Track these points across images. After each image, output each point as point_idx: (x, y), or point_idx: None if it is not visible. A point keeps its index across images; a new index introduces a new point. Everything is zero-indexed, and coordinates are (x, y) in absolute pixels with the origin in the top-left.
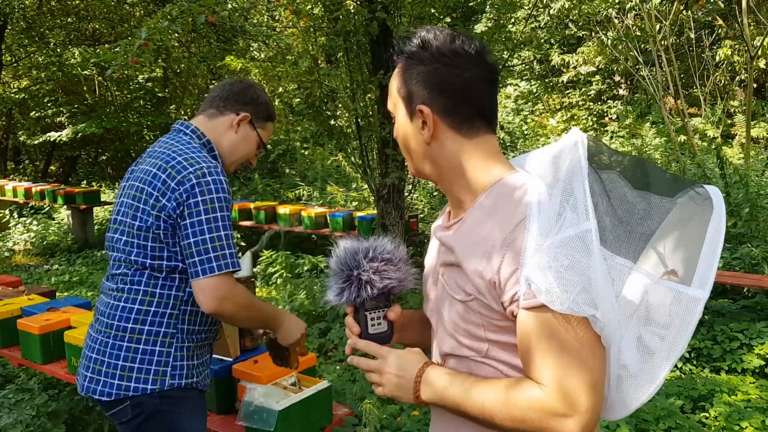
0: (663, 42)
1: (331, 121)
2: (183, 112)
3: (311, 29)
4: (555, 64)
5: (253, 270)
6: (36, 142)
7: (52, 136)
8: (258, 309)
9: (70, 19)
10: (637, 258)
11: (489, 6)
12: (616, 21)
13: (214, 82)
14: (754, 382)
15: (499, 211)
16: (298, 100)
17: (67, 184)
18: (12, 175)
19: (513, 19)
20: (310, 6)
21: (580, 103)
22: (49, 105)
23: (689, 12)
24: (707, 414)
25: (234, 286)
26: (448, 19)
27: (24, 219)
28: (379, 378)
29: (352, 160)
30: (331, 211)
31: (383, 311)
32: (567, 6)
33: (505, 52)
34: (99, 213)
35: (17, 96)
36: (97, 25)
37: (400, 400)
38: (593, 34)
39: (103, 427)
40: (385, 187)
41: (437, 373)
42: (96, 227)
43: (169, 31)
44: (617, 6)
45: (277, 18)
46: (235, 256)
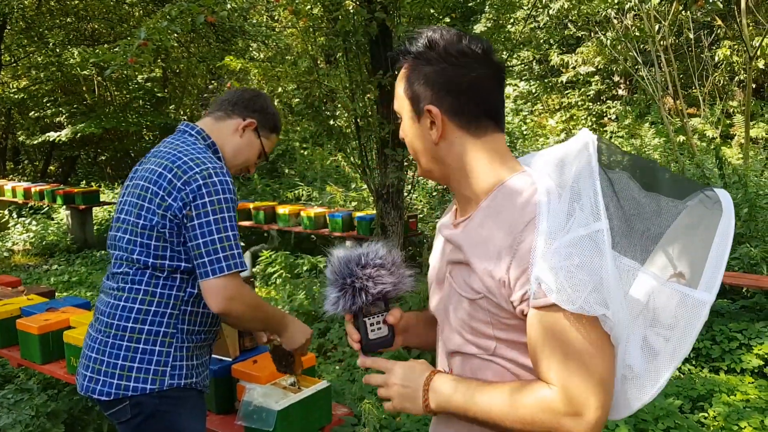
0: (662, 42)
1: (331, 122)
2: (182, 112)
3: (310, 29)
4: (554, 64)
5: (252, 270)
6: (35, 142)
7: (51, 136)
8: (265, 310)
9: (69, 19)
10: (645, 259)
11: (488, 6)
12: (615, 21)
13: (213, 82)
14: (752, 382)
15: (508, 210)
16: (298, 100)
17: (66, 184)
18: (11, 175)
19: (512, 20)
20: (309, 6)
21: (580, 103)
22: (48, 105)
23: (688, 12)
24: (706, 414)
25: (242, 286)
26: (447, 20)
27: (23, 219)
28: (387, 391)
29: (352, 160)
30: (331, 211)
31: (382, 316)
32: (566, 6)
33: (504, 53)
34: (98, 213)
35: (16, 96)
36: (96, 25)
37: (409, 412)
38: (592, 34)
39: (102, 427)
40: (384, 187)
41: (444, 380)
42: (95, 227)
43: (169, 31)
44: (616, 6)
45: (276, 18)
46: (242, 256)
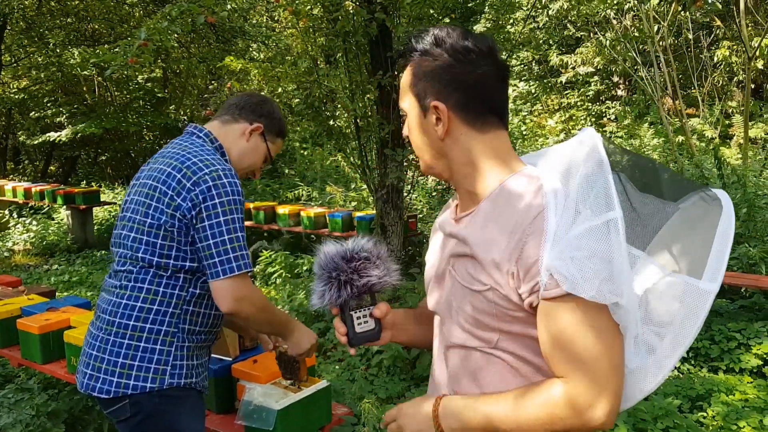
0: (661, 43)
1: (330, 122)
2: (182, 113)
3: (310, 30)
4: (553, 64)
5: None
6: (35, 143)
7: (52, 136)
8: (273, 313)
9: (69, 19)
10: (648, 252)
11: (488, 7)
12: (615, 22)
13: (213, 82)
14: (751, 382)
15: (514, 204)
16: (298, 100)
17: (66, 184)
18: (11, 176)
19: (512, 20)
20: (309, 7)
21: (579, 103)
22: (48, 105)
23: (687, 13)
24: (705, 413)
25: (252, 287)
26: (447, 20)
27: (23, 219)
28: (399, 430)
29: (351, 160)
30: (331, 211)
31: (369, 310)
32: (565, 7)
33: (504, 53)
34: (98, 213)
35: (17, 96)
36: (96, 26)
37: None
38: (591, 34)
39: (102, 427)
40: (384, 187)
41: (451, 400)
42: (95, 227)
43: (169, 31)
44: (615, 7)
45: (276, 18)
46: (249, 257)
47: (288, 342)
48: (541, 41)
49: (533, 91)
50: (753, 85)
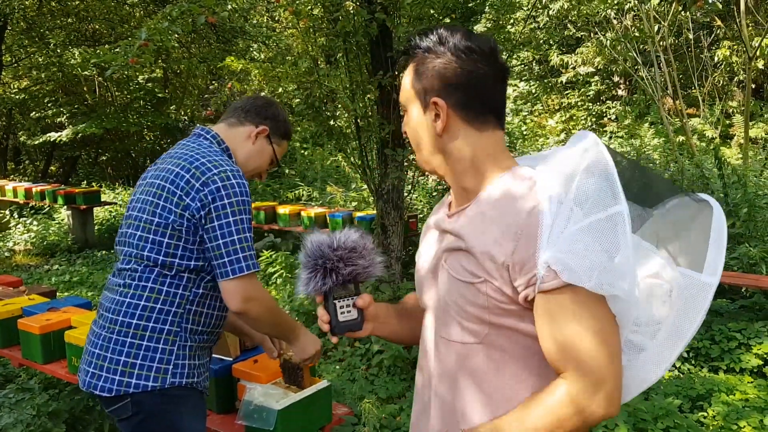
0: (662, 43)
1: (331, 122)
2: (183, 113)
3: (311, 30)
4: (554, 64)
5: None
6: (36, 143)
7: (52, 136)
8: (280, 315)
9: (70, 19)
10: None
11: (488, 7)
12: (615, 22)
13: (214, 82)
14: (752, 382)
15: (509, 200)
16: (298, 100)
17: (67, 184)
18: (12, 176)
19: (512, 20)
20: (309, 7)
21: (579, 103)
22: (49, 105)
23: (688, 13)
24: (705, 413)
25: (261, 287)
26: (447, 20)
27: (24, 219)
28: None
29: (352, 160)
30: (331, 211)
31: (352, 300)
32: (566, 7)
33: (504, 53)
34: (99, 213)
35: (17, 96)
36: (97, 26)
37: None
38: (592, 34)
39: (103, 427)
40: (384, 187)
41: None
42: (96, 227)
43: (169, 31)
44: (616, 7)
45: (276, 19)
46: (255, 257)
47: (293, 346)
48: (541, 41)
49: (533, 91)
50: (753, 85)
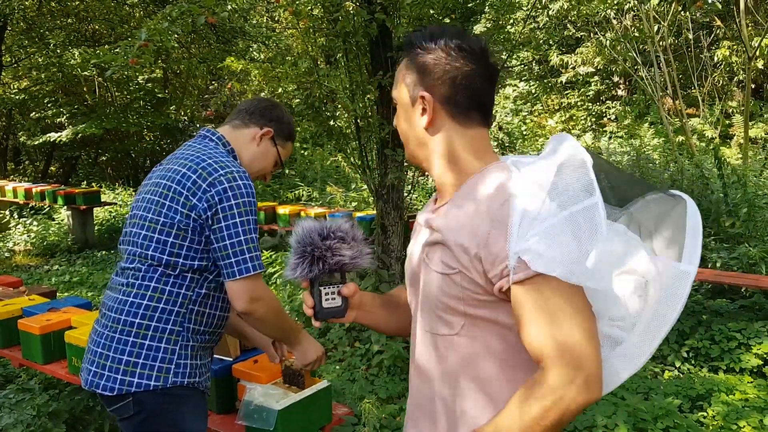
0: (661, 43)
1: (331, 122)
2: (183, 113)
3: (311, 30)
4: (554, 64)
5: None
6: (36, 143)
7: (52, 136)
8: (284, 318)
9: (70, 20)
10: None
11: (488, 7)
12: (615, 22)
13: (214, 82)
14: (751, 382)
15: (483, 193)
16: (298, 100)
17: (67, 184)
18: (12, 176)
19: (512, 20)
20: (309, 7)
21: (579, 103)
22: (49, 106)
23: (687, 13)
24: (705, 413)
25: (267, 288)
26: (447, 20)
27: (24, 219)
28: None
29: (352, 160)
30: (331, 211)
31: (337, 287)
32: (565, 7)
33: (504, 53)
34: (99, 213)
35: (17, 97)
36: (97, 26)
37: None
38: (592, 34)
39: (103, 427)
40: (384, 188)
41: None
42: (96, 228)
43: (169, 32)
44: (615, 7)
45: (276, 19)
46: (261, 258)
47: (295, 351)
48: (541, 41)
49: (533, 91)
50: (753, 85)
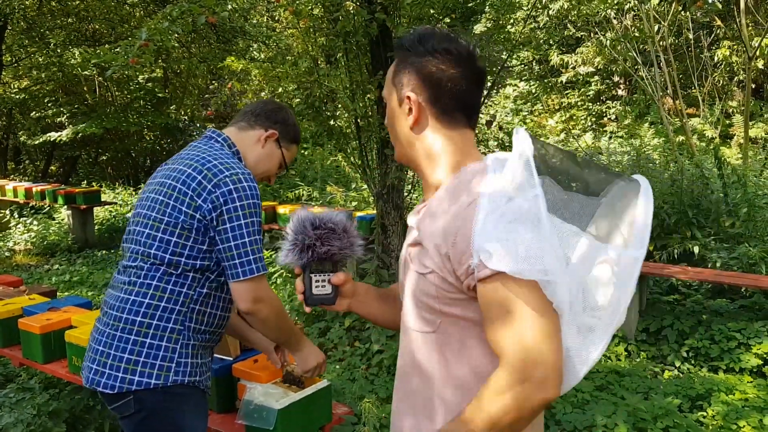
0: (661, 42)
1: (331, 122)
2: (183, 113)
3: (311, 30)
4: (554, 64)
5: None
6: (36, 143)
7: (53, 136)
8: (287, 321)
9: (70, 19)
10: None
11: (488, 7)
12: (615, 22)
13: (214, 82)
14: (751, 382)
15: (458, 192)
16: (298, 100)
17: (67, 184)
18: (12, 175)
19: (512, 20)
20: (309, 7)
21: (579, 103)
22: (49, 105)
23: (688, 13)
24: (705, 413)
25: (270, 289)
26: (447, 20)
27: (24, 219)
28: None
29: (352, 160)
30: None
31: (328, 276)
32: (566, 7)
33: (504, 53)
34: (99, 213)
35: (17, 96)
36: (97, 26)
37: None
38: (592, 34)
39: (103, 426)
40: (384, 187)
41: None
42: (96, 227)
43: (170, 31)
44: (616, 7)
45: (277, 18)
46: (264, 259)
47: (295, 356)
48: (541, 41)
49: (533, 91)
50: (753, 85)
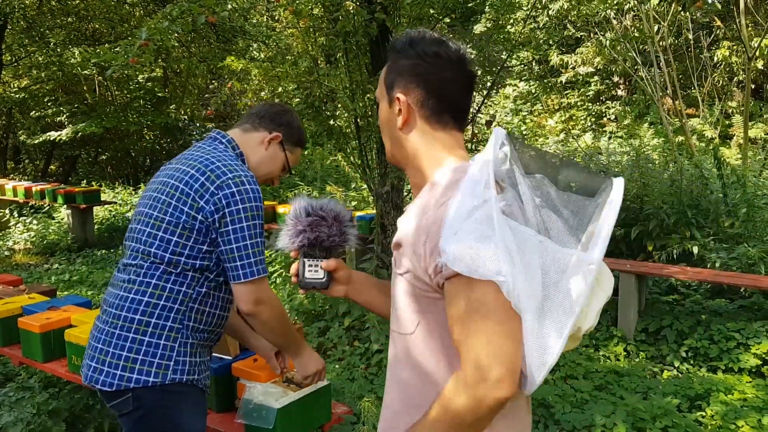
0: (661, 43)
1: (331, 121)
2: (183, 112)
3: (311, 30)
4: (554, 64)
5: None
6: (36, 142)
7: (52, 135)
8: (288, 325)
9: (70, 19)
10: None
11: (488, 7)
12: (615, 22)
13: (214, 82)
14: (750, 382)
15: (434, 192)
16: (298, 100)
17: (67, 183)
18: (12, 175)
19: (512, 20)
20: (309, 6)
21: (579, 103)
22: (49, 104)
23: (687, 13)
24: (704, 413)
25: (271, 291)
26: (447, 20)
27: (24, 218)
28: None
29: (352, 160)
30: None
31: (321, 261)
32: (566, 7)
33: (503, 53)
34: (99, 212)
35: (17, 95)
36: (97, 25)
37: None
38: (592, 34)
39: (103, 426)
40: (384, 187)
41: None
42: (96, 226)
43: (169, 31)
44: (615, 7)
45: (276, 18)
46: (265, 262)
47: (295, 362)
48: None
49: (533, 91)
50: (753, 85)
